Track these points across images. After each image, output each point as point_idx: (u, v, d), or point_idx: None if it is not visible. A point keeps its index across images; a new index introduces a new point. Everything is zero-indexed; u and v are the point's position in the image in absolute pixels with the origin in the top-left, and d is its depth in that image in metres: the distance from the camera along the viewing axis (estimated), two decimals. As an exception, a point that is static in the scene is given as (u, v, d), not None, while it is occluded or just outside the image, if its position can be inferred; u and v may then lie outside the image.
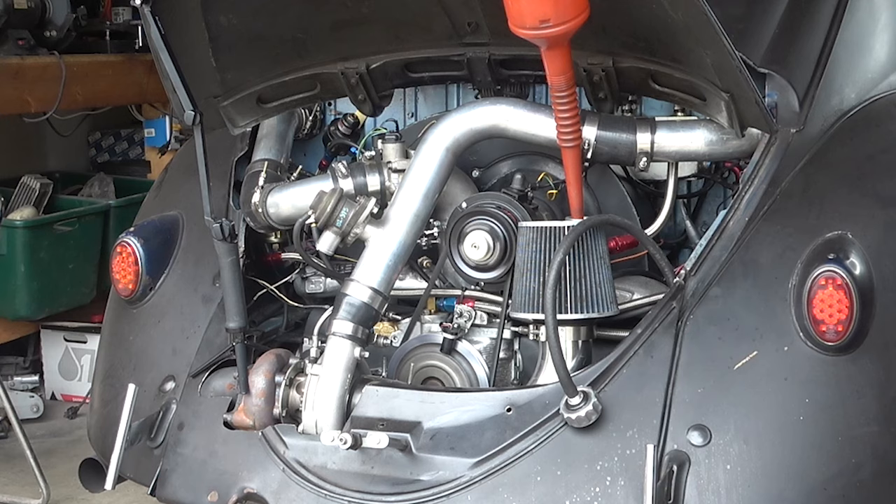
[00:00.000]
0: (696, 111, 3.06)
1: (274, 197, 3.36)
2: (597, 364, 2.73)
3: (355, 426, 2.82)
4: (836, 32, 2.98)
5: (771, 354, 2.59)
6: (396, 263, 2.98)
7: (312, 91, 3.26)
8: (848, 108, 2.93)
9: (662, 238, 3.32)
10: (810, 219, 2.71)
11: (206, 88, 2.95)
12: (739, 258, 2.72)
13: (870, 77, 3.01)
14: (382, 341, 3.19)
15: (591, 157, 3.03)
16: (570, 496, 2.61)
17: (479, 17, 2.96)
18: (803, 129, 2.85)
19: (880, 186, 2.75)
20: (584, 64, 2.95)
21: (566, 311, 2.83)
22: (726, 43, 2.52)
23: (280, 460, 2.87)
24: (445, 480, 2.71)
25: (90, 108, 6.22)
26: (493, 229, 3.09)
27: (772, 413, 2.56)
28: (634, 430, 2.60)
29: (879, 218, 2.69)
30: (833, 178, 2.79)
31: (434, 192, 3.06)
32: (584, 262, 2.85)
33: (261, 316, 3.51)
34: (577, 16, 2.54)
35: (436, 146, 3.08)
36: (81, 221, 5.21)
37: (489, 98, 3.23)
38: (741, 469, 2.52)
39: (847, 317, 2.55)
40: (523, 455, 2.68)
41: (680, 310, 2.70)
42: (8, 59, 4.92)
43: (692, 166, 3.33)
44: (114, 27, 5.87)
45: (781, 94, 2.87)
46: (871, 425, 2.52)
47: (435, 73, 3.28)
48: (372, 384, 2.91)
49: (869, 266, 2.58)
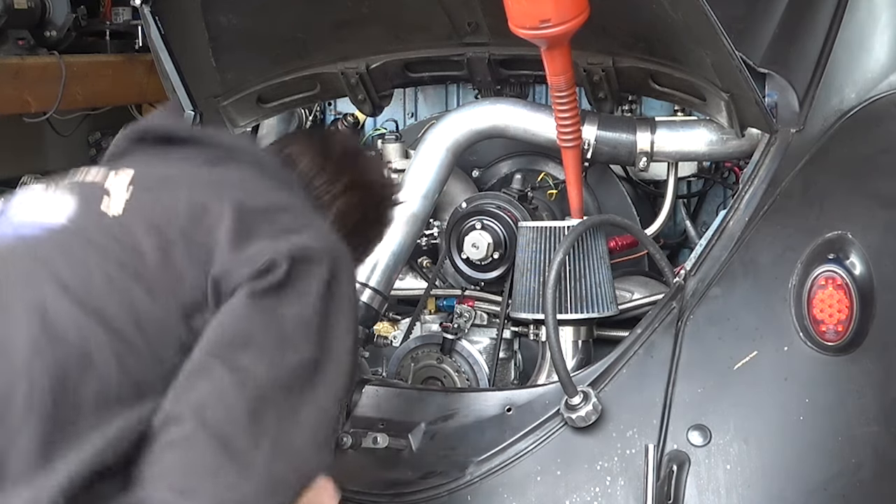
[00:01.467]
0: (696, 111, 3.07)
1: (274, 197, 3.36)
2: (597, 364, 2.73)
3: (355, 426, 2.81)
4: (836, 32, 2.98)
5: (771, 354, 2.58)
6: (396, 263, 2.98)
7: (312, 91, 3.26)
8: (848, 108, 2.93)
9: (662, 238, 3.32)
10: (810, 219, 2.70)
11: (206, 88, 2.95)
12: (739, 258, 2.72)
13: (870, 77, 3.00)
14: (382, 341, 3.19)
15: (591, 157, 3.03)
16: (570, 496, 2.60)
17: (479, 17, 2.96)
18: (803, 129, 2.85)
19: (880, 186, 2.75)
20: (584, 64, 2.95)
21: (566, 311, 2.83)
22: (726, 43, 2.52)
23: (280, 460, 2.87)
24: (445, 480, 2.71)
25: (90, 108, 6.21)
26: (493, 229, 3.09)
27: (772, 413, 2.56)
28: (634, 430, 2.60)
29: (879, 218, 2.68)
30: (833, 178, 2.78)
31: (434, 192, 3.06)
32: (584, 262, 2.85)
33: (261, 316, 3.51)
34: (577, 16, 2.54)
35: (436, 146, 3.08)
36: (81, 221, 5.19)
37: (489, 98, 3.23)
38: (741, 469, 2.52)
39: (847, 317, 2.54)
40: (523, 455, 2.67)
41: (680, 310, 2.69)
42: (8, 59, 4.91)
43: (692, 166, 3.33)
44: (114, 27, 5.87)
45: (781, 94, 2.87)
46: (871, 425, 2.52)
47: (435, 73, 3.28)
48: (372, 384, 2.91)
49: (869, 266, 2.58)
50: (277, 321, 1.68)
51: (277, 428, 1.63)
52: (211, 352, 1.65)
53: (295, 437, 1.65)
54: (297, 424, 1.65)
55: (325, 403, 1.70)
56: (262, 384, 1.63)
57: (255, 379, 1.63)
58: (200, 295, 1.69)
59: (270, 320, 1.67)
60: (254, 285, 1.68)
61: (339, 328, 1.74)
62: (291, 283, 1.70)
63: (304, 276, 1.72)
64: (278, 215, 1.81)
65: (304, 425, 1.66)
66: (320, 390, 1.69)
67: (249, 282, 1.68)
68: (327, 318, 1.72)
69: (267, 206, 1.82)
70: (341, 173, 2.15)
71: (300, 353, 1.68)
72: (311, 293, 1.72)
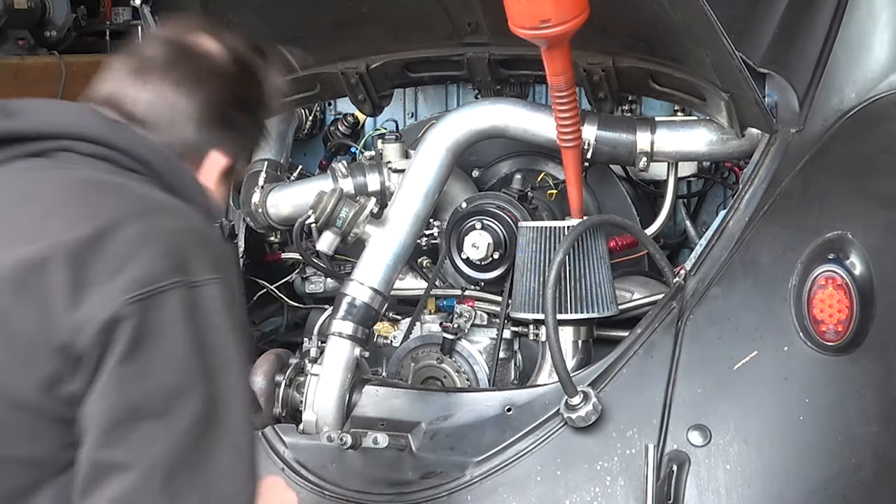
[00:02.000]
0: (696, 111, 3.07)
1: (274, 197, 3.36)
2: (597, 364, 2.73)
3: (355, 426, 2.82)
4: (836, 32, 2.98)
5: (771, 354, 2.58)
6: (396, 263, 2.98)
7: (312, 91, 3.26)
8: (848, 108, 2.93)
9: (662, 238, 3.32)
10: (810, 219, 2.71)
11: (206, 88, 2.94)
12: (739, 258, 2.72)
13: (870, 77, 3.00)
14: (382, 341, 3.19)
15: (591, 157, 3.03)
16: (569, 496, 2.60)
17: (479, 17, 2.96)
18: (803, 129, 2.85)
19: (880, 186, 2.75)
20: (584, 64, 2.96)
21: (566, 311, 2.83)
22: (726, 43, 2.52)
23: (280, 460, 2.87)
24: (445, 480, 2.71)
25: (90, 109, 6.21)
26: (493, 229, 3.09)
27: (772, 413, 2.56)
28: (634, 430, 2.60)
29: (879, 218, 2.68)
30: (833, 178, 2.78)
31: (434, 192, 3.06)
32: (584, 262, 2.85)
33: (261, 316, 3.51)
34: (577, 16, 2.54)
35: (436, 146, 3.08)
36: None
37: (489, 98, 3.23)
38: (741, 469, 2.52)
39: (847, 317, 2.54)
40: (523, 455, 2.67)
41: (680, 310, 2.70)
42: (8, 59, 4.92)
43: (692, 166, 3.33)
44: (114, 27, 5.88)
45: (781, 94, 2.87)
46: (871, 425, 2.52)
47: (435, 73, 3.28)
48: (372, 384, 2.91)
49: (869, 266, 2.58)
50: (151, 383, 1.53)
51: (200, 488, 1.54)
52: (101, 445, 1.51)
53: (220, 484, 1.56)
54: (217, 472, 1.55)
55: (235, 434, 1.58)
56: (166, 461, 1.52)
57: (156, 461, 1.51)
58: (52, 366, 1.53)
59: (144, 386, 1.53)
60: (109, 356, 1.52)
61: (218, 354, 1.58)
62: (147, 336, 1.53)
63: (157, 321, 1.54)
64: (109, 241, 1.56)
65: (224, 468, 1.56)
66: (225, 427, 1.57)
67: (102, 350, 1.52)
68: (201, 353, 1.56)
69: (97, 232, 1.57)
70: (171, 79, 1.79)
71: (189, 403, 1.54)
72: (174, 334, 1.55)
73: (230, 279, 1.66)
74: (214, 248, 1.67)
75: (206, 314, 1.58)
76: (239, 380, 1.62)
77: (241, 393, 1.63)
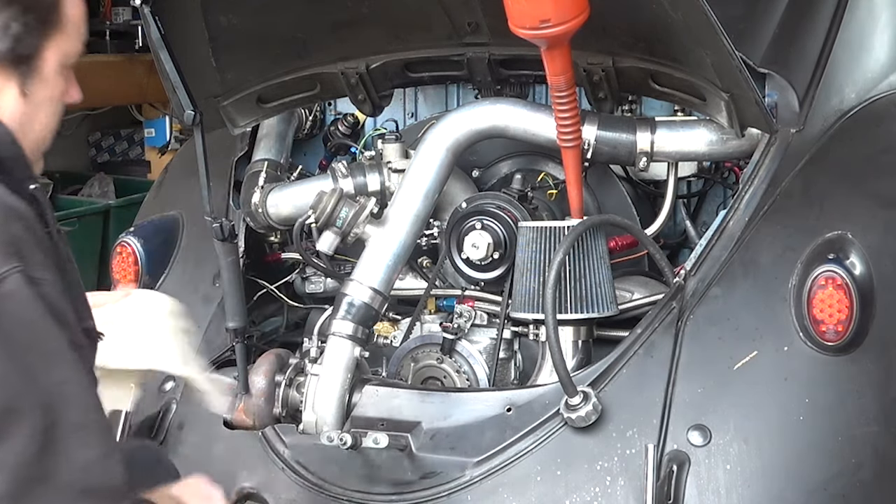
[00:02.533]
0: (696, 111, 3.06)
1: (274, 197, 3.36)
2: (597, 364, 2.73)
3: (355, 426, 2.82)
4: (836, 32, 2.98)
5: (771, 354, 2.59)
6: (396, 263, 2.98)
7: (312, 91, 3.26)
8: (848, 108, 2.93)
9: (662, 238, 3.32)
10: (810, 219, 2.71)
11: (206, 88, 2.95)
12: (739, 258, 2.72)
13: (870, 77, 3.01)
14: (382, 341, 3.19)
15: (591, 157, 3.03)
16: (569, 496, 2.60)
17: (479, 17, 2.96)
18: (803, 129, 2.85)
19: (880, 186, 2.75)
20: (584, 64, 2.96)
21: (566, 311, 2.83)
22: (726, 43, 2.52)
23: (280, 460, 2.87)
24: (445, 480, 2.71)
25: (90, 108, 6.22)
26: (493, 229, 3.09)
27: (772, 413, 2.56)
28: (634, 430, 2.60)
29: (879, 218, 2.69)
30: (833, 178, 2.79)
31: (434, 192, 3.06)
32: (584, 262, 2.85)
33: (261, 316, 3.51)
34: (577, 16, 2.54)
35: (436, 146, 3.08)
36: (81, 221, 5.20)
37: (489, 98, 3.23)
38: (741, 469, 2.52)
39: (847, 317, 2.55)
40: (523, 455, 2.67)
41: (680, 310, 2.70)
42: (8, 59, 4.91)
43: (692, 166, 3.33)
44: (114, 27, 5.88)
45: (781, 94, 2.88)
46: (871, 425, 2.52)
47: (435, 73, 3.28)
48: (372, 384, 2.91)
49: (869, 266, 2.58)
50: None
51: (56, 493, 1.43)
52: None
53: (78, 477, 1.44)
54: (72, 469, 1.44)
55: (81, 426, 1.45)
56: (9, 492, 1.40)
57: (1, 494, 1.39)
58: None
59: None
60: None
61: (34, 353, 1.41)
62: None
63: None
64: None
65: (79, 464, 1.44)
66: (68, 425, 1.43)
67: None
68: (15, 361, 1.39)
69: None
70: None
71: (22, 420, 1.39)
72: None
73: (33, 254, 1.42)
74: (6, 225, 1.41)
75: (9, 316, 1.38)
76: (68, 368, 1.45)
77: (76, 380, 1.46)
